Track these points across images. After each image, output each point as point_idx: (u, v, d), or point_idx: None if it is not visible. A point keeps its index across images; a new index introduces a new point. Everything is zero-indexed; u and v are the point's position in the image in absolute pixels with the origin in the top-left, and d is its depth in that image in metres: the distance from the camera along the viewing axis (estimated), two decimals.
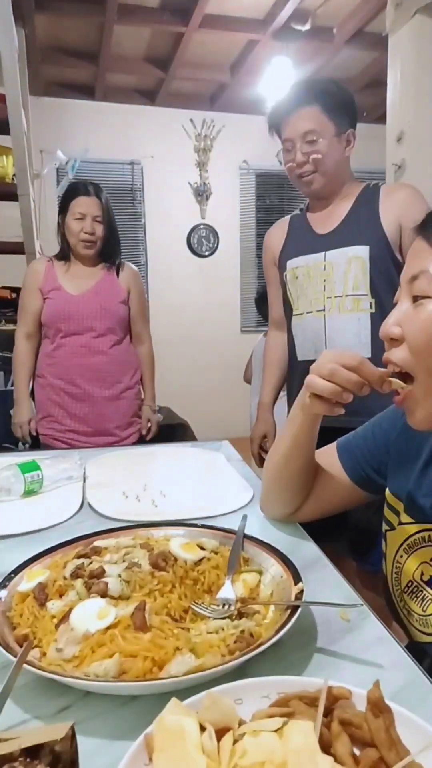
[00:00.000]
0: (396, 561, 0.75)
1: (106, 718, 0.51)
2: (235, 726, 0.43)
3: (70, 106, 4.24)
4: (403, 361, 0.62)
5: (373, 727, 0.43)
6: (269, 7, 3.20)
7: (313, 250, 1.46)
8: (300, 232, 1.53)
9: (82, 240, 1.84)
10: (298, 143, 1.39)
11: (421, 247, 0.63)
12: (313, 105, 1.38)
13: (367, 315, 1.39)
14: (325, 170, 1.41)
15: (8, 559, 0.73)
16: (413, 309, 0.62)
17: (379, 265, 1.37)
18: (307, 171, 1.41)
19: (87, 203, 1.83)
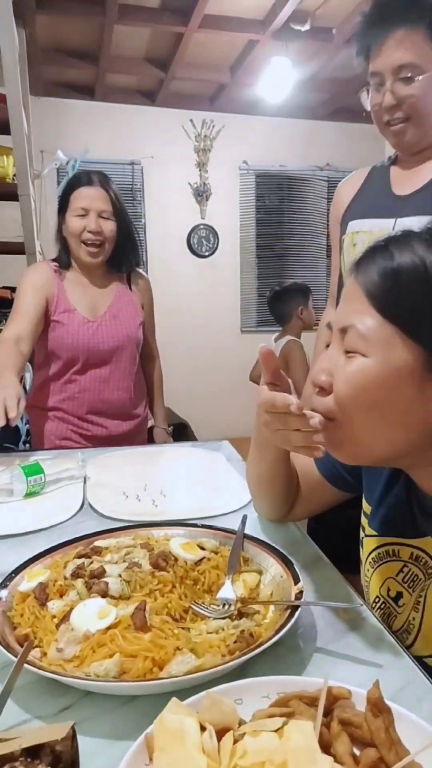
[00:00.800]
0: (364, 573, 0.75)
1: (107, 718, 0.51)
2: (235, 726, 0.43)
3: (70, 106, 4.24)
4: (327, 410, 0.59)
5: (372, 727, 0.43)
6: (269, 7, 3.20)
7: (383, 214, 1.16)
8: (376, 188, 1.22)
9: (84, 242, 1.47)
10: (389, 80, 1.07)
11: (353, 293, 0.59)
12: (417, 26, 1.02)
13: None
14: (423, 118, 1.09)
15: (9, 559, 0.73)
16: (343, 360, 0.58)
17: None
18: (399, 118, 1.10)
19: (90, 196, 1.46)
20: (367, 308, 0.56)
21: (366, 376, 0.56)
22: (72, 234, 1.48)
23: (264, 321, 4.93)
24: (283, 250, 4.91)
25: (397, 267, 0.55)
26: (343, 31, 3.32)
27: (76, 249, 1.50)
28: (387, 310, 0.55)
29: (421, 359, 0.54)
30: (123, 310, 1.57)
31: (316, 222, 4.91)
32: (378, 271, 0.57)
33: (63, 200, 1.52)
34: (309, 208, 4.88)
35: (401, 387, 0.55)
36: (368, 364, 0.56)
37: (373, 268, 0.57)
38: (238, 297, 4.88)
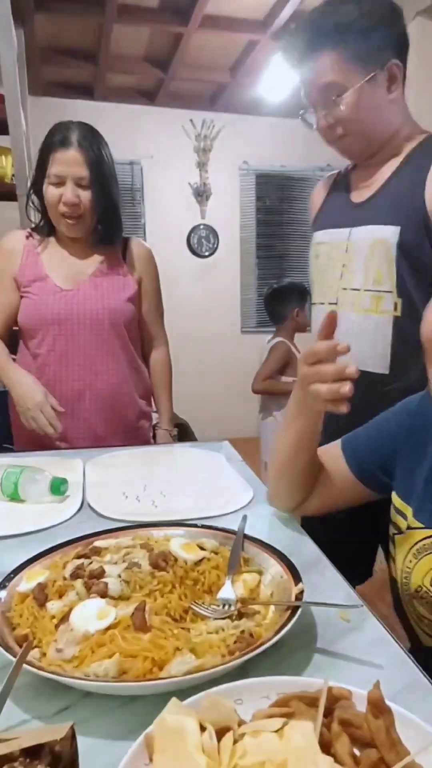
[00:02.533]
0: (405, 565, 0.75)
1: (106, 719, 0.51)
2: (235, 726, 0.43)
3: (69, 106, 4.24)
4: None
5: (373, 727, 0.43)
6: (269, 7, 3.20)
7: (340, 224, 1.14)
8: (337, 195, 1.20)
9: (62, 214, 1.32)
10: (319, 102, 1.07)
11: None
12: (327, 50, 1.02)
13: (388, 318, 1.06)
14: (360, 129, 1.07)
15: (8, 559, 0.73)
16: None
17: (412, 255, 1.03)
18: (339, 135, 1.09)
19: (65, 160, 1.29)
20: None
21: None
22: (49, 205, 1.33)
23: (264, 321, 4.93)
24: (283, 251, 4.91)
25: None
26: None
27: (55, 220, 1.36)
28: None
29: None
30: (107, 280, 1.40)
31: None
32: None
33: (40, 163, 1.34)
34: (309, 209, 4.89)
35: None
36: None
37: None
38: (238, 297, 4.88)
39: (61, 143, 1.31)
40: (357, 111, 1.04)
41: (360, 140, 1.10)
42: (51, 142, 1.33)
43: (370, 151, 1.12)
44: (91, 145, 1.32)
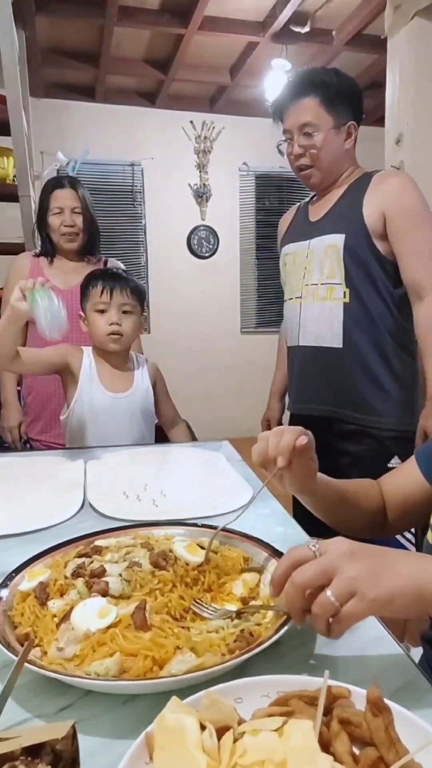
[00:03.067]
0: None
1: (107, 717, 0.51)
2: (235, 725, 0.43)
3: (70, 107, 4.24)
4: None
5: (372, 726, 0.43)
6: (269, 9, 3.20)
7: (302, 238, 1.49)
8: (299, 218, 1.57)
9: (63, 234, 1.83)
10: (296, 135, 1.41)
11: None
12: (311, 97, 1.38)
13: (339, 304, 1.39)
14: (322, 164, 1.42)
15: (9, 558, 0.73)
16: None
17: (355, 255, 1.36)
18: (304, 164, 1.43)
19: (63, 196, 1.83)
20: None
21: None
22: (53, 230, 1.84)
23: (264, 322, 4.94)
24: None
25: None
26: (343, 33, 3.33)
27: (57, 240, 1.85)
28: None
29: None
30: None
31: None
32: None
33: (42, 202, 1.86)
34: None
35: None
36: None
37: None
38: (237, 298, 4.88)
39: (58, 185, 1.86)
40: (322, 148, 1.40)
41: (319, 172, 1.43)
42: (48, 188, 1.86)
43: (324, 183, 1.46)
44: (79, 186, 1.87)
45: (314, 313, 1.43)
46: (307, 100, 1.38)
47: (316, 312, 1.43)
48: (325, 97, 1.38)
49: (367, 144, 4.80)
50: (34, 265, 1.88)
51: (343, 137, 1.42)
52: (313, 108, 1.38)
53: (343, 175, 1.45)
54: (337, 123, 1.39)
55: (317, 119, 1.38)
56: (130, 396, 1.50)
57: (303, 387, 1.52)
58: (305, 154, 1.41)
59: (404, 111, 2.35)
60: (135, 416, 1.51)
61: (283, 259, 1.58)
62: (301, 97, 1.39)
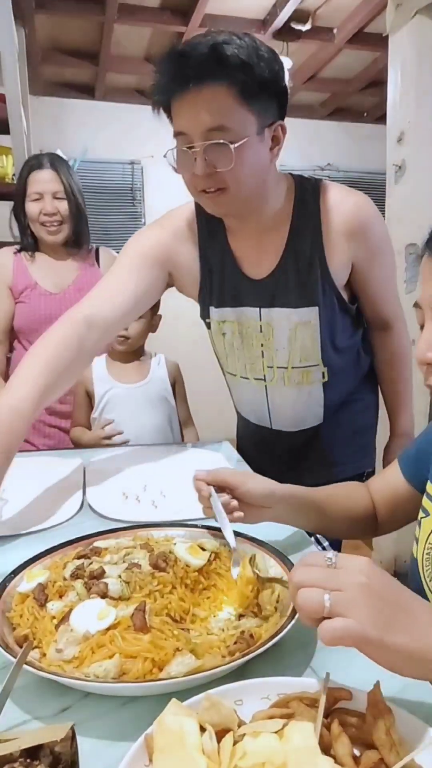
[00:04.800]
0: (427, 546, 0.75)
1: (106, 719, 0.51)
2: (235, 727, 0.43)
3: (70, 105, 4.23)
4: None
5: (373, 728, 0.43)
6: (269, 6, 3.19)
7: (246, 302, 1.08)
8: (225, 266, 1.09)
9: (42, 223, 1.56)
10: (198, 143, 0.89)
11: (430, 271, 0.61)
12: (223, 84, 0.85)
13: (319, 386, 1.12)
14: (240, 188, 0.93)
15: (8, 559, 0.73)
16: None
17: (331, 327, 1.07)
18: (212, 188, 0.93)
19: (42, 179, 1.55)
20: None
21: None
22: (31, 218, 1.57)
23: None
24: None
25: None
26: (344, 31, 3.32)
27: (37, 231, 1.59)
28: None
29: None
30: (89, 284, 1.47)
31: None
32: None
33: (20, 187, 1.58)
34: None
35: None
36: None
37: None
38: None
39: (36, 166, 1.57)
40: (242, 165, 0.89)
41: (235, 199, 0.94)
42: (25, 169, 1.58)
43: (243, 212, 1.00)
44: (61, 165, 1.58)
45: (289, 399, 1.14)
46: (217, 88, 0.85)
47: (291, 398, 1.13)
48: (245, 85, 0.86)
49: (369, 142, 4.81)
50: (18, 263, 1.62)
51: (268, 145, 0.94)
52: (227, 103, 0.86)
53: (268, 199, 1.00)
54: (262, 124, 0.91)
55: (234, 121, 0.88)
56: (146, 385, 1.54)
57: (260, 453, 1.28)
58: (215, 174, 0.90)
59: (406, 109, 2.35)
60: (153, 404, 1.53)
61: (218, 325, 1.15)
62: (207, 84, 0.85)
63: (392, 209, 2.29)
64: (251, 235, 1.05)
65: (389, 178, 2.36)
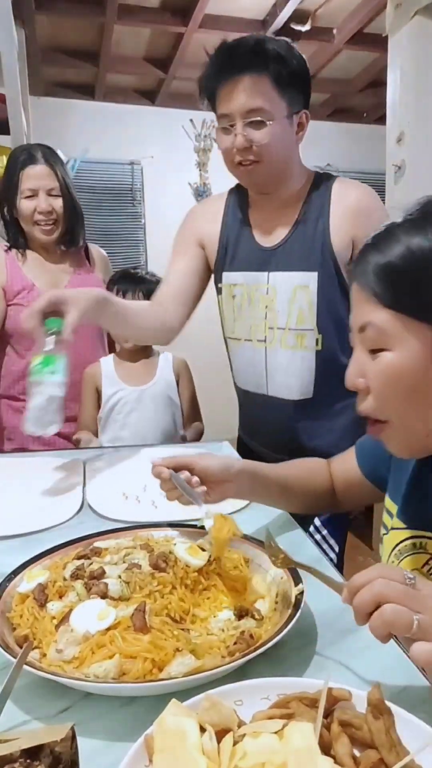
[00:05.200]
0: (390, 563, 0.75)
1: (107, 719, 0.51)
2: (234, 727, 0.43)
3: (70, 106, 4.23)
4: (373, 411, 0.62)
5: (373, 728, 0.43)
6: (269, 7, 3.19)
7: (255, 267, 1.21)
8: (242, 238, 1.24)
9: (37, 222, 1.47)
10: (239, 123, 1.09)
11: (359, 296, 0.61)
12: (262, 73, 1.07)
13: (311, 353, 1.18)
14: (272, 161, 1.13)
15: (8, 559, 0.73)
16: (371, 359, 0.61)
17: (328, 295, 1.16)
18: (249, 159, 1.12)
19: (37, 174, 1.45)
20: (376, 306, 0.59)
21: (396, 369, 0.59)
22: (24, 217, 1.48)
23: None
24: None
25: (389, 261, 0.58)
26: (344, 31, 3.32)
27: (29, 230, 1.50)
28: (393, 303, 0.58)
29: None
30: (84, 284, 1.52)
31: None
32: (374, 270, 0.59)
33: (9, 182, 1.47)
34: None
35: (430, 368, 0.57)
36: (394, 358, 0.59)
37: (369, 268, 0.60)
38: None
39: (29, 161, 1.46)
40: (274, 141, 1.10)
41: (267, 170, 1.14)
42: (17, 162, 1.47)
43: (270, 184, 1.18)
44: (55, 160, 1.49)
45: (282, 362, 1.21)
46: (257, 77, 1.07)
47: (284, 361, 1.21)
48: (280, 75, 1.08)
49: (369, 143, 4.81)
50: (10, 263, 1.52)
51: (295, 129, 1.15)
52: (265, 89, 1.07)
53: (292, 176, 1.19)
54: (291, 110, 1.12)
55: (270, 104, 1.08)
56: (153, 386, 1.56)
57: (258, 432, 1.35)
58: (251, 148, 1.10)
59: (405, 109, 2.35)
60: (159, 405, 1.54)
61: (228, 289, 1.26)
62: (249, 73, 1.07)
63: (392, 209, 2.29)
64: (270, 209, 1.21)
65: (389, 178, 2.37)
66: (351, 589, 0.49)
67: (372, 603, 0.47)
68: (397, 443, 0.65)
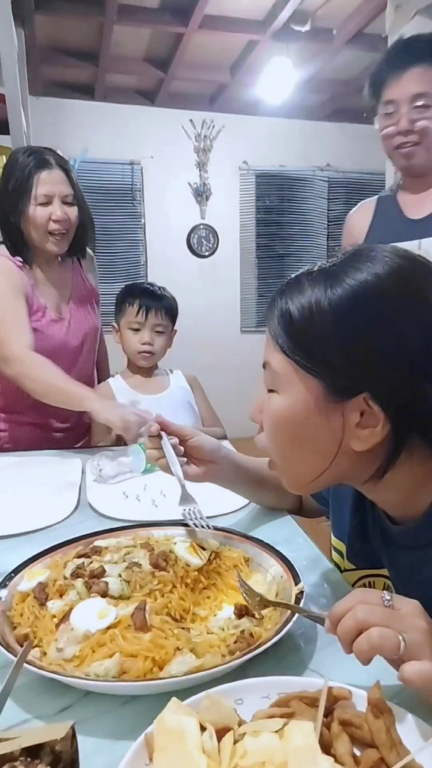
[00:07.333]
0: None
1: (107, 718, 0.51)
2: (235, 726, 0.43)
3: (69, 106, 4.24)
4: (264, 447, 0.63)
5: (373, 727, 0.43)
6: (269, 7, 3.20)
7: (403, 238, 1.28)
8: (389, 216, 1.37)
9: (51, 232, 1.33)
10: (403, 107, 1.23)
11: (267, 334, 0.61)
12: (426, 65, 1.22)
13: None
14: (430, 143, 1.25)
15: (8, 558, 0.73)
16: (267, 398, 0.61)
17: None
18: (410, 141, 1.25)
19: (52, 180, 1.32)
20: (275, 348, 0.59)
21: (280, 413, 0.59)
22: (37, 225, 1.33)
23: (264, 321, 4.91)
24: (283, 251, 4.91)
25: (288, 308, 0.58)
26: (344, 31, 3.32)
27: (40, 240, 1.35)
28: (286, 349, 0.58)
29: (321, 390, 0.56)
30: (82, 297, 1.49)
31: (317, 222, 4.90)
32: (276, 314, 0.59)
33: (18, 186, 1.31)
34: (309, 209, 4.88)
35: (310, 418, 0.57)
36: (280, 401, 0.59)
37: (274, 311, 0.60)
38: (238, 297, 4.87)
39: (44, 165, 1.33)
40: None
41: (425, 152, 1.26)
42: (28, 166, 1.32)
43: (423, 166, 1.29)
44: (68, 166, 1.38)
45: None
46: (421, 68, 1.22)
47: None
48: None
49: (368, 143, 4.78)
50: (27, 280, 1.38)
51: None
52: (428, 77, 1.22)
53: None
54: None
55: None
56: (170, 393, 1.55)
57: None
58: (414, 130, 1.23)
59: None
60: (178, 411, 1.53)
61: None
62: (414, 65, 1.22)
63: None
64: (419, 190, 1.34)
65: (388, 178, 2.36)
66: (333, 618, 0.49)
67: (355, 630, 0.47)
68: (286, 481, 0.65)
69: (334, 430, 0.56)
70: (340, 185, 4.80)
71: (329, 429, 0.56)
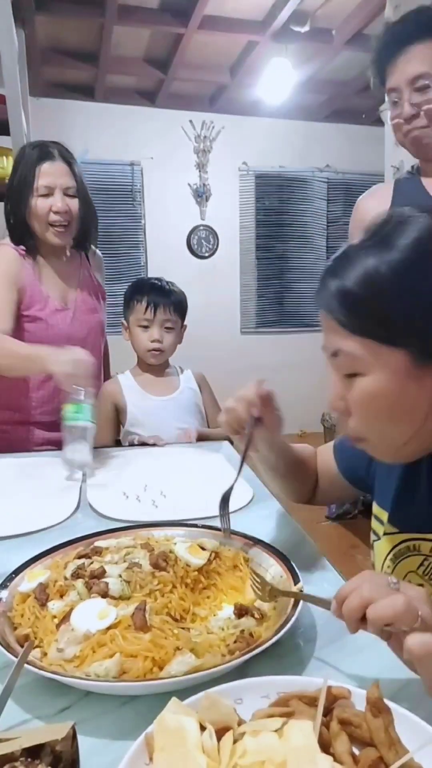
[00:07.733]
0: (384, 571, 0.76)
1: (107, 718, 0.51)
2: (234, 726, 0.43)
3: (70, 107, 4.24)
4: (355, 431, 0.64)
5: (372, 726, 0.43)
6: (268, 8, 3.20)
7: None
8: (413, 196, 1.26)
9: (51, 223, 1.34)
10: (405, 92, 1.13)
11: (326, 322, 0.61)
12: (425, 40, 1.10)
13: None
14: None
15: (9, 559, 0.73)
16: (347, 383, 0.61)
17: None
18: (417, 126, 1.14)
19: (54, 172, 1.33)
20: (342, 332, 0.59)
21: (372, 393, 0.59)
22: (38, 217, 1.34)
23: (264, 322, 4.93)
24: (283, 252, 4.91)
25: (347, 286, 0.57)
26: (343, 32, 3.33)
27: (42, 232, 1.36)
28: (358, 329, 0.58)
29: (408, 358, 0.57)
30: (89, 291, 1.50)
31: (316, 223, 4.91)
32: (335, 296, 0.59)
33: (22, 178, 1.34)
34: (308, 210, 4.88)
35: (405, 388, 0.58)
36: (369, 382, 0.59)
37: (329, 294, 0.59)
38: (237, 298, 4.88)
39: (46, 157, 1.34)
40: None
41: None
42: (32, 159, 1.35)
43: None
44: (72, 158, 1.39)
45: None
46: (418, 46, 1.11)
47: None
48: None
49: (368, 144, 4.80)
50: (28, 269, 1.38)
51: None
52: (426, 56, 1.11)
53: None
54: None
55: None
56: (179, 395, 1.55)
57: None
58: (419, 115, 1.13)
59: None
60: (186, 415, 1.53)
61: None
62: (410, 44, 1.11)
63: None
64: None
65: (387, 179, 2.37)
66: (339, 598, 0.50)
67: (361, 608, 0.47)
68: (380, 454, 0.67)
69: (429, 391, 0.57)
70: (339, 186, 4.81)
71: (425, 393, 0.58)
